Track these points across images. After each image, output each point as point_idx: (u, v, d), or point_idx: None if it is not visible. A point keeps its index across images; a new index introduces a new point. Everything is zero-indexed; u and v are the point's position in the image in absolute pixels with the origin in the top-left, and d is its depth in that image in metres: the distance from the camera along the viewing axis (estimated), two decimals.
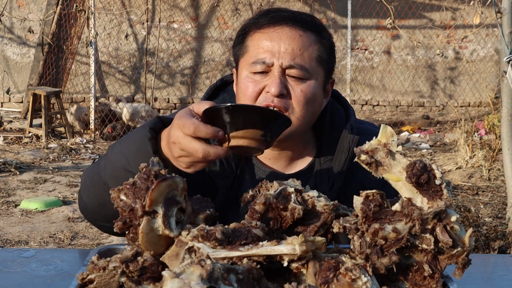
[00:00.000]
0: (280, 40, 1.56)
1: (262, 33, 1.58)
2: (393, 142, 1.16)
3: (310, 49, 1.57)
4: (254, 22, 1.61)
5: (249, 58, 1.59)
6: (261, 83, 1.57)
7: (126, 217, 1.18)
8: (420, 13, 10.87)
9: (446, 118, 10.73)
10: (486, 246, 4.34)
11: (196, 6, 10.97)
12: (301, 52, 1.56)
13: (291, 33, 1.56)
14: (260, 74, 1.57)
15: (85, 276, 1.12)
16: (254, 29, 1.60)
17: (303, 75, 1.56)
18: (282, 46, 1.55)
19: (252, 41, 1.60)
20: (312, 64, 1.57)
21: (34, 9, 10.70)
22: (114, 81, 11.01)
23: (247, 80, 1.58)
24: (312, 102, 1.58)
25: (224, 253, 1.09)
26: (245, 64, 1.60)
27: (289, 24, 1.57)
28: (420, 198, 1.13)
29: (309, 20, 1.61)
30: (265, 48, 1.56)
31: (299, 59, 1.55)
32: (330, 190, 1.65)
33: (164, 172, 1.21)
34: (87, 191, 1.56)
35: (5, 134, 8.87)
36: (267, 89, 1.56)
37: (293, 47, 1.55)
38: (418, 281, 1.14)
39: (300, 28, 1.58)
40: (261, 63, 1.56)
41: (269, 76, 1.57)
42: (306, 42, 1.57)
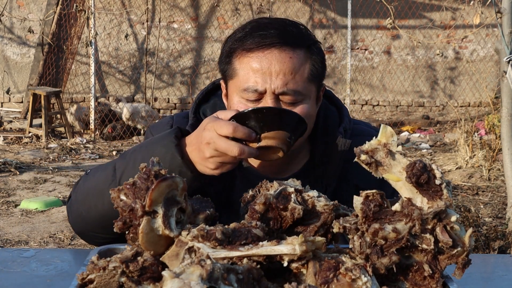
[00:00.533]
0: (271, 65, 1.51)
1: (250, 58, 1.53)
2: (393, 142, 1.16)
3: (301, 70, 1.53)
4: (240, 43, 1.55)
5: (239, 83, 1.54)
6: None
7: (126, 217, 1.18)
8: (420, 13, 10.87)
9: (446, 118, 10.73)
10: (486, 246, 4.34)
11: (196, 6, 10.97)
12: (293, 75, 1.52)
13: (281, 56, 1.51)
14: (252, 102, 1.54)
15: (85, 276, 1.13)
16: (241, 51, 1.54)
17: (296, 99, 1.53)
18: (273, 71, 1.51)
19: (240, 65, 1.54)
20: (305, 84, 1.54)
21: (34, 9, 10.70)
22: (114, 81, 11.01)
23: (240, 105, 1.54)
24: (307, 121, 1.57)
25: (224, 253, 1.09)
26: (236, 89, 1.56)
27: (278, 47, 1.51)
28: (420, 198, 1.13)
29: (297, 36, 1.56)
30: (255, 75, 1.51)
31: (291, 83, 1.51)
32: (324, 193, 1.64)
33: (164, 172, 1.21)
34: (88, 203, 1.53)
35: (5, 134, 8.88)
36: None
37: (284, 71, 1.51)
38: (418, 281, 1.14)
39: (289, 49, 1.52)
40: (253, 91, 1.52)
41: (262, 102, 1.53)
42: (297, 63, 1.52)
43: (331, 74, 11.04)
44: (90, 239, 1.60)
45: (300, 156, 1.70)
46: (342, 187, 1.65)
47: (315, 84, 1.58)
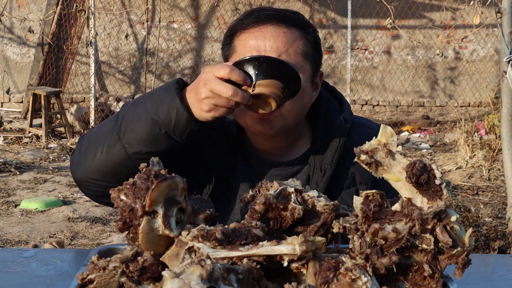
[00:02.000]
0: (265, 38, 1.60)
1: (247, 33, 1.62)
2: (393, 142, 1.16)
3: (295, 45, 1.62)
4: (239, 23, 1.66)
5: (237, 57, 1.62)
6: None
7: (126, 217, 1.18)
8: (420, 13, 10.88)
9: (446, 118, 10.73)
10: (486, 246, 4.35)
11: (196, 6, 10.97)
12: (286, 48, 1.60)
13: (275, 31, 1.61)
14: None
15: (85, 276, 1.13)
16: (240, 30, 1.64)
17: None
18: (267, 44, 1.60)
19: (239, 41, 1.64)
20: (298, 59, 1.62)
21: (34, 9, 10.71)
22: (114, 81, 11.01)
23: None
24: (300, 96, 1.62)
25: (224, 253, 1.09)
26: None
27: (273, 23, 1.61)
28: (420, 198, 1.13)
29: (293, 17, 1.66)
30: (251, 47, 1.61)
31: (284, 55, 1.59)
32: (322, 177, 1.70)
33: (164, 172, 1.21)
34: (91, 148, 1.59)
35: (5, 134, 8.88)
36: None
37: (278, 44, 1.60)
38: (418, 281, 1.14)
39: (284, 26, 1.62)
40: None
41: None
42: (291, 38, 1.61)
43: (331, 74, 11.04)
44: (88, 187, 1.64)
45: (301, 144, 1.76)
46: (341, 172, 1.71)
47: (309, 63, 1.65)
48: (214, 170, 1.71)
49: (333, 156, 1.69)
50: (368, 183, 1.71)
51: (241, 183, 1.73)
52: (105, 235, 5.08)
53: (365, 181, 1.71)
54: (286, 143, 1.74)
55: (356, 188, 1.72)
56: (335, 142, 1.70)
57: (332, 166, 1.69)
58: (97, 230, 5.21)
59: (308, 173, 1.73)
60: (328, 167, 1.70)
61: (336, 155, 1.69)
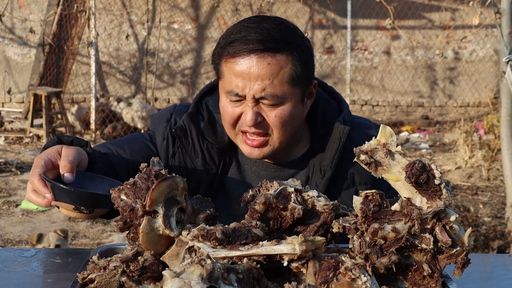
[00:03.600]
0: (250, 70, 1.59)
1: (233, 63, 1.61)
2: (393, 142, 1.17)
3: (281, 74, 1.60)
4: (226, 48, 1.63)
5: (225, 84, 1.65)
6: (238, 109, 1.64)
7: (127, 217, 1.19)
8: (419, 14, 10.87)
9: (445, 118, 10.73)
10: (485, 246, 4.35)
11: (196, 7, 10.97)
12: (271, 81, 1.59)
13: (259, 62, 1.58)
14: (236, 103, 1.64)
15: (86, 275, 1.13)
16: (226, 56, 1.63)
17: (276, 102, 1.61)
18: (252, 77, 1.59)
19: (225, 68, 1.64)
20: (284, 88, 1.61)
21: (35, 10, 10.70)
22: (114, 81, 11.01)
23: (226, 106, 1.66)
24: (289, 122, 1.64)
25: (224, 253, 1.09)
26: (222, 89, 1.67)
27: (257, 52, 1.58)
28: (420, 198, 1.14)
29: (280, 40, 1.61)
30: (237, 79, 1.61)
31: (269, 88, 1.59)
32: (322, 178, 1.70)
33: (165, 172, 1.22)
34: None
35: (6, 134, 8.88)
36: (243, 117, 1.63)
37: (262, 77, 1.59)
38: (417, 280, 1.14)
39: (268, 54, 1.59)
40: (235, 94, 1.62)
41: (244, 105, 1.63)
42: (275, 69, 1.59)
43: (331, 74, 11.04)
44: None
45: (300, 145, 1.76)
46: (340, 173, 1.71)
47: (298, 86, 1.64)
48: (205, 179, 1.72)
49: (332, 157, 1.70)
50: (368, 183, 1.71)
51: (237, 187, 1.73)
52: (105, 235, 5.08)
53: (364, 181, 1.72)
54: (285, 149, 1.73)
55: (356, 188, 1.72)
56: (334, 144, 1.70)
57: (332, 168, 1.70)
58: (98, 230, 5.22)
59: (307, 174, 1.73)
60: (327, 168, 1.70)
61: (336, 156, 1.69)
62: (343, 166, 1.71)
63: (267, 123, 1.62)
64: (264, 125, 1.63)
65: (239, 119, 1.64)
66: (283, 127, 1.63)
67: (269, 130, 1.64)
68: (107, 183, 1.50)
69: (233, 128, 1.66)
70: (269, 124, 1.62)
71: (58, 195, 1.44)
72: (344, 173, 1.71)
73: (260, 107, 1.62)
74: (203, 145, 1.73)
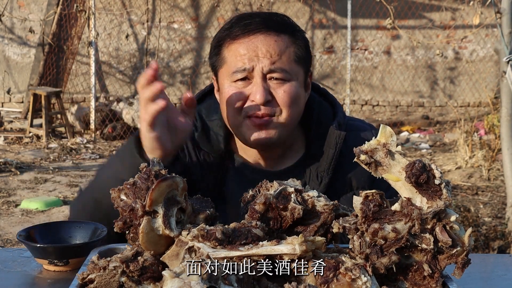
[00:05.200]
0: (257, 48, 1.58)
1: (237, 43, 1.60)
2: (393, 142, 1.17)
3: (287, 52, 1.60)
4: (227, 33, 1.63)
5: (229, 68, 1.61)
6: (245, 92, 1.60)
7: (127, 217, 1.19)
8: (420, 13, 10.87)
9: (445, 118, 10.73)
10: (485, 246, 4.35)
11: (196, 6, 10.97)
12: (279, 56, 1.59)
13: (266, 39, 1.59)
14: (242, 82, 1.60)
15: (86, 276, 1.13)
16: (229, 40, 1.62)
17: (284, 77, 1.59)
18: (259, 53, 1.58)
19: (229, 52, 1.62)
20: (292, 65, 1.61)
21: (35, 9, 10.70)
22: (114, 81, 11.01)
23: (230, 90, 1.61)
24: (296, 102, 1.62)
25: (224, 253, 1.09)
26: (226, 75, 1.63)
27: (263, 31, 1.59)
28: (420, 198, 1.13)
29: (281, 22, 1.64)
30: (243, 58, 1.59)
31: (278, 63, 1.58)
32: (319, 185, 1.68)
33: (165, 172, 1.22)
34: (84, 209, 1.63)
35: (6, 134, 8.88)
36: (252, 97, 1.59)
37: (271, 52, 1.58)
38: (417, 280, 1.14)
39: (274, 33, 1.60)
40: (242, 70, 1.59)
41: (252, 83, 1.59)
42: (282, 46, 1.60)
43: (331, 74, 11.04)
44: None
45: (295, 150, 1.74)
46: (338, 178, 1.69)
47: (302, 67, 1.64)
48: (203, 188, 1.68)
49: (329, 163, 1.67)
50: (365, 187, 1.69)
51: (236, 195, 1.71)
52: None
53: (362, 185, 1.70)
54: (279, 152, 1.72)
55: (353, 193, 1.69)
56: (331, 150, 1.67)
57: (329, 174, 1.67)
58: None
59: (304, 181, 1.70)
60: (324, 174, 1.68)
61: (333, 162, 1.67)
62: (340, 171, 1.69)
63: (276, 102, 1.59)
64: (273, 104, 1.59)
65: (245, 103, 1.60)
66: (291, 106, 1.60)
67: (276, 113, 1.60)
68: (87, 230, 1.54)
69: (238, 114, 1.61)
70: (278, 102, 1.59)
71: (32, 252, 1.49)
72: (341, 178, 1.69)
73: (268, 84, 1.59)
74: (199, 156, 1.71)
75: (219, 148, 1.71)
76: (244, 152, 1.73)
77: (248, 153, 1.73)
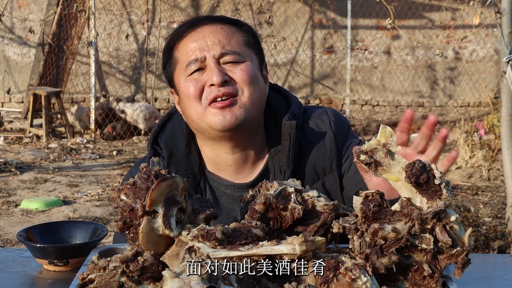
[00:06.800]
0: (204, 36, 1.61)
1: (186, 39, 1.63)
2: (392, 142, 1.17)
3: (235, 36, 1.63)
4: (174, 35, 1.67)
5: (182, 65, 1.63)
6: (201, 80, 1.60)
7: (127, 217, 1.19)
8: (420, 13, 10.87)
9: (445, 118, 10.73)
10: (485, 246, 4.35)
11: (196, 6, 10.97)
12: (228, 40, 1.61)
13: (212, 28, 1.63)
14: (197, 73, 1.61)
15: (86, 276, 1.13)
16: (177, 41, 1.65)
17: (238, 59, 1.61)
18: (208, 40, 1.61)
19: (179, 51, 1.64)
20: (242, 48, 1.63)
21: (35, 9, 10.70)
22: (114, 81, 11.01)
23: (186, 83, 1.61)
24: (255, 81, 1.62)
25: (224, 253, 1.09)
26: (180, 73, 1.64)
27: (207, 22, 1.64)
28: (420, 198, 1.13)
29: (225, 17, 1.69)
30: (193, 49, 1.61)
31: (228, 46, 1.61)
32: (283, 179, 1.65)
33: (164, 172, 1.22)
34: None
35: (6, 134, 8.88)
36: (209, 82, 1.59)
37: (219, 38, 1.61)
38: (417, 280, 1.14)
39: (219, 22, 1.64)
40: (194, 61, 1.60)
41: (207, 71, 1.60)
42: (229, 31, 1.63)
43: (331, 74, 11.04)
44: None
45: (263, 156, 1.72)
46: (300, 172, 1.67)
47: (253, 52, 1.66)
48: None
49: (288, 155, 1.65)
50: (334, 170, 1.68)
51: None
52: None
53: (329, 169, 1.68)
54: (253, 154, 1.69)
55: (322, 181, 1.68)
56: (286, 141, 1.65)
57: (289, 166, 1.65)
58: None
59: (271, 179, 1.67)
60: (286, 168, 1.66)
61: (291, 153, 1.65)
62: (302, 162, 1.67)
63: (235, 81, 1.59)
64: (232, 83, 1.59)
65: (203, 91, 1.59)
66: (251, 84, 1.60)
67: (238, 91, 1.59)
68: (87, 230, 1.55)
69: (199, 101, 1.59)
70: (237, 81, 1.59)
71: (32, 252, 1.50)
72: (305, 169, 1.67)
73: (224, 68, 1.60)
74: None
75: (191, 169, 1.69)
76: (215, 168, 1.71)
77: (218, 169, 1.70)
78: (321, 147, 1.69)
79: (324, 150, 1.69)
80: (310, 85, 11.05)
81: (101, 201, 5.93)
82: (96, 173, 7.07)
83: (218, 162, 1.70)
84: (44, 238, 1.52)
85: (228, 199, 1.70)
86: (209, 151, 1.70)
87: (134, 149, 8.49)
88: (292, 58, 11.04)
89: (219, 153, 1.68)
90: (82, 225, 1.56)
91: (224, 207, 1.69)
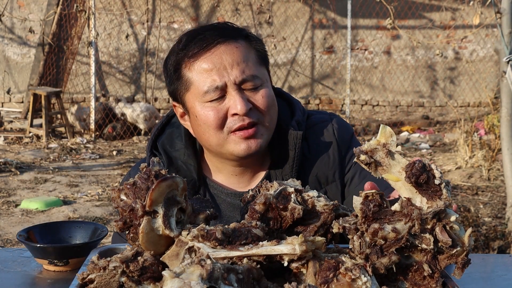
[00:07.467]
0: (222, 60, 1.54)
1: (200, 61, 1.55)
2: (392, 142, 1.17)
3: (251, 56, 1.57)
4: (184, 53, 1.57)
5: (198, 89, 1.56)
6: (222, 108, 1.55)
7: (127, 217, 1.19)
8: (420, 13, 10.87)
9: (445, 118, 10.73)
10: (485, 246, 4.35)
11: (196, 6, 10.97)
12: (246, 63, 1.55)
13: (228, 49, 1.55)
14: (217, 101, 1.55)
15: (85, 276, 1.13)
16: (188, 60, 1.56)
17: (257, 84, 1.56)
18: (227, 64, 1.54)
19: (192, 72, 1.56)
20: (258, 68, 1.58)
21: (35, 9, 10.71)
22: (114, 81, 11.01)
23: (205, 110, 1.56)
24: (273, 104, 1.60)
25: (224, 253, 1.09)
26: (196, 97, 1.57)
27: (221, 42, 1.55)
28: (420, 198, 1.13)
29: (232, 29, 1.60)
30: (211, 73, 1.54)
31: (247, 70, 1.55)
32: None
33: (165, 172, 1.22)
34: None
35: (6, 134, 8.88)
36: (232, 111, 1.54)
37: (237, 60, 1.54)
38: (417, 280, 1.14)
39: (232, 41, 1.56)
40: (215, 89, 1.54)
41: (227, 98, 1.55)
42: (244, 51, 1.56)
43: (331, 74, 11.04)
44: None
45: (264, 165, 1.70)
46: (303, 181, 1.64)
47: (265, 67, 1.63)
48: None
49: (291, 166, 1.64)
50: (336, 180, 1.67)
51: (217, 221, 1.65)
52: None
53: (331, 179, 1.67)
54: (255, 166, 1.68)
55: (325, 190, 1.67)
56: (291, 152, 1.64)
57: (293, 176, 1.63)
58: None
59: None
60: (288, 177, 1.63)
61: (295, 164, 1.64)
62: (306, 171, 1.66)
63: (256, 109, 1.56)
64: (254, 111, 1.56)
65: (226, 118, 1.55)
66: (271, 109, 1.58)
67: (260, 119, 1.57)
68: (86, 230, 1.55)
69: (220, 130, 1.56)
70: (259, 108, 1.56)
71: (32, 252, 1.49)
72: (307, 178, 1.66)
73: (244, 94, 1.55)
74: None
75: (191, 177, 1.66)
76: (217, 176, 1.70)
77: (220, 177, 1.70)
78: (324, 157, 1.67)
79: (327, 159, 1.67)
80: (310, 85, 11.05)
81: (101, 201, 5.93)
82: (96, 173, 7.07)
83: (223, 172, 1.69)
84: (44, 238, 1.52)
85: (228, 207, 1.68)
86: (215, 162, 1.69)
87: (134, 149, 8.49)
88: (292, 58, 11.04)
89: (225, 166, 1.67)
90: (82, 225, 1.56)
91: (225, 215, 1.67)
